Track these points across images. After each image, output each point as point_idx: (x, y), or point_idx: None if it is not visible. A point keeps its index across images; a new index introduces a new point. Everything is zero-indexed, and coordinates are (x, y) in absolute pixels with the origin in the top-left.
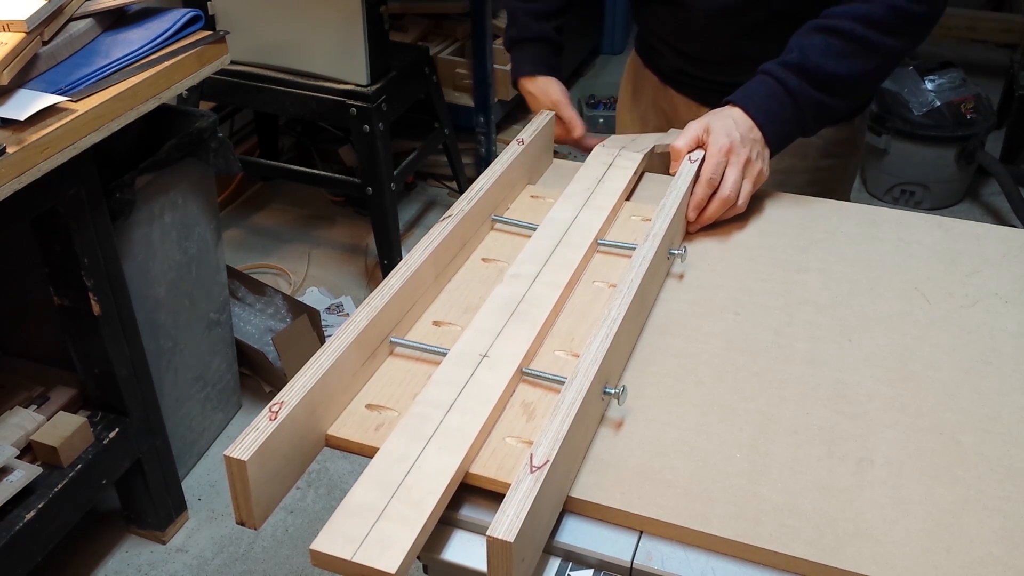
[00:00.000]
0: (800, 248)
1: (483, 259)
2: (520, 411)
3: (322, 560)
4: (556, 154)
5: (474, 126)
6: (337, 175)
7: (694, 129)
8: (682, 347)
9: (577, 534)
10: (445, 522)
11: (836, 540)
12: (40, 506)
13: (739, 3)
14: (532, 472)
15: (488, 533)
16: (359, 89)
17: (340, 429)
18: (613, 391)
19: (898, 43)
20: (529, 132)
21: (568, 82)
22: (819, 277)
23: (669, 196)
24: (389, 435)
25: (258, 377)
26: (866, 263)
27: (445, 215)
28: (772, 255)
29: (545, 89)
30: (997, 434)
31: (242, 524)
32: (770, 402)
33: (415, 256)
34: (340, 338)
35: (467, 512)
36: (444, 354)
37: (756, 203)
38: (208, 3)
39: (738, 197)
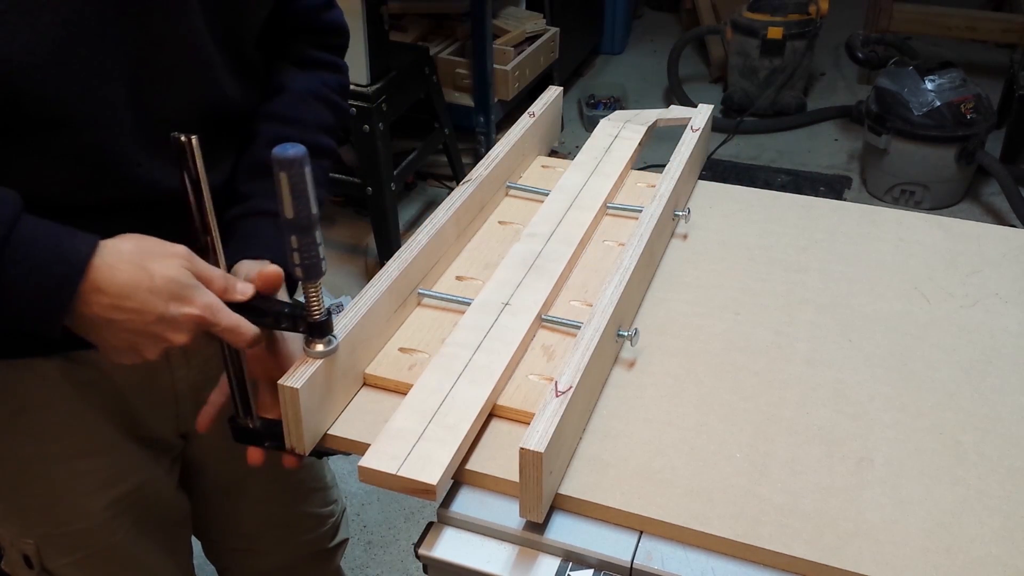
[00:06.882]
0: (800, 248)
1: (499, 222)
2: (541, 352)
3: (369, 475)
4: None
5: (474, 126)
6: (337, 175)
7: None
8: (682, 347)
9: (577, 534)
10: (443, 521)
11: (836, 540)
12: None
13: None
14: (557, 396)
15: (520, 446)
16: (359, 89)
17: (377, 368)
18: (626, 334)
19: None
20: (540, 105)
21: (568, 82)
22: (819, 277)
23: (674, 160)
24: (423, 372)
25: None
26: (866, 263)
27: (464, 180)
28: (772, 255)
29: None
30: (997, 434)
31: (292, 451)
32: (770, 402)
33: (439, 215)
34: (375, 286)
35: (465, 511)
36: (468, 304)
37: (756, 203)
38: None
39: None
